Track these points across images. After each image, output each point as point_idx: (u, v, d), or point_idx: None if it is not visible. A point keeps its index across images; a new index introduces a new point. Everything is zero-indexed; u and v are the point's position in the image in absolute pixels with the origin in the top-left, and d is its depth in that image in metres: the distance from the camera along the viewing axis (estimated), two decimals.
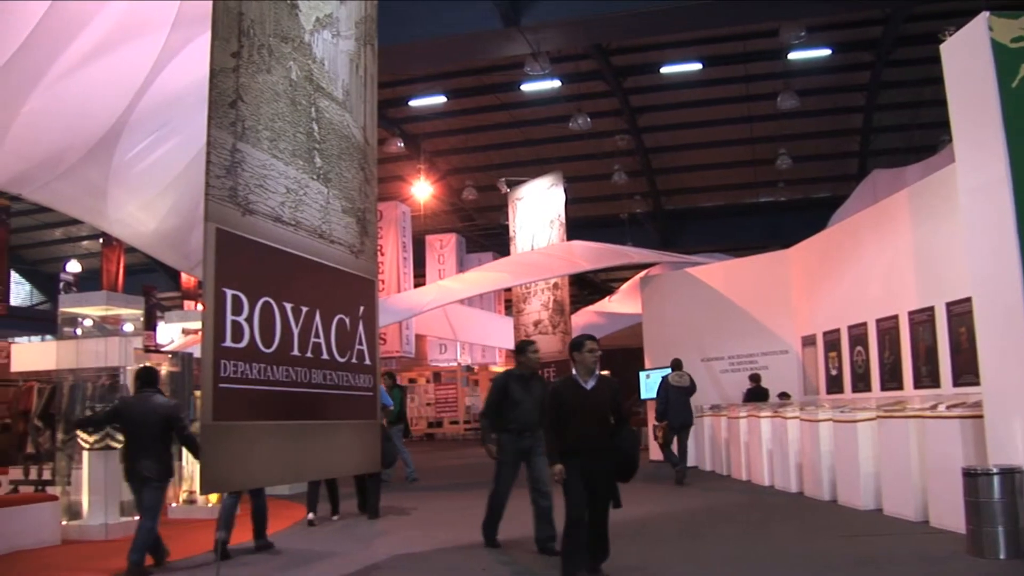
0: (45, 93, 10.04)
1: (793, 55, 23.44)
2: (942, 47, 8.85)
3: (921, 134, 26.26)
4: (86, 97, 10.45)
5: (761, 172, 30.42)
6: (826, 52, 23.77)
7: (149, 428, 8.10)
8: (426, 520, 11.59)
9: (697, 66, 24.86)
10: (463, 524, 10.79)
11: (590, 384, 7.10)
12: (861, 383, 13.46)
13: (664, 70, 25.12)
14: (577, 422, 6.92)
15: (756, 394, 15.76)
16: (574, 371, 7.25)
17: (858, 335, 13.58)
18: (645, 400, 19.66)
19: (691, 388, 15.18)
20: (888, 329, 12.51)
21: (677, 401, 14.95)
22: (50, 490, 11.37)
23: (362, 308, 6.87)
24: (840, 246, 14.71)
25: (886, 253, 12.68)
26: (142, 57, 10.24)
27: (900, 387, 12.05)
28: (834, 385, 14.62)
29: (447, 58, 18.48)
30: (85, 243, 36.09)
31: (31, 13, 8.94)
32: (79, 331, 11.65)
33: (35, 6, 8.91)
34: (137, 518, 8.42)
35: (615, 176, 29.28)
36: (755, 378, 16.19)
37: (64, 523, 10.50)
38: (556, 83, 24.84)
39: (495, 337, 30.32)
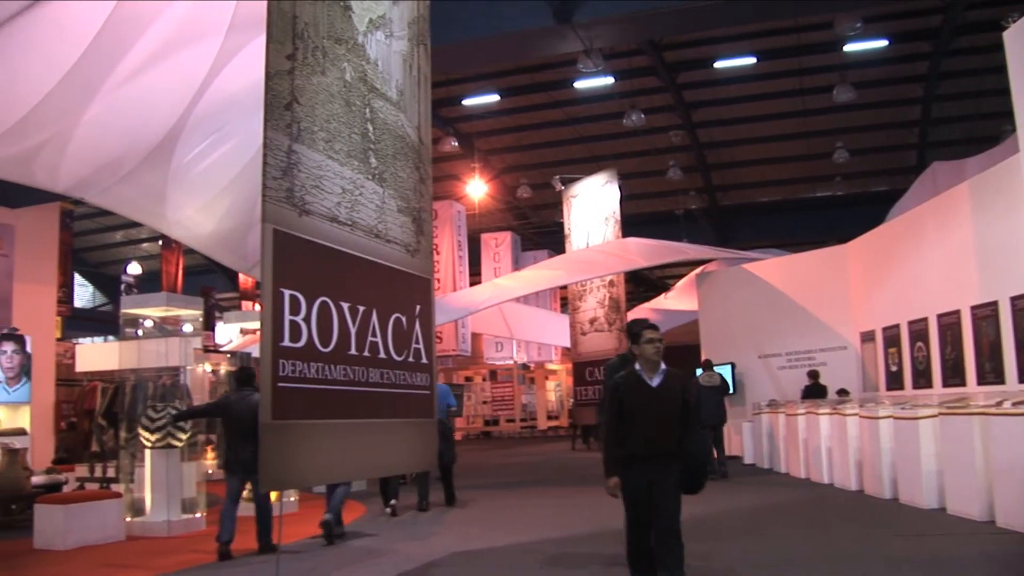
0: (105, 100, 10.21)
1: (849, 47, 23.12)
2: (1005, 34, 8.68)
3: (982, 124, 25.78)
4: (145, 103, 10.61)
5: (817, 166, 30.07)
6: (883, 43, 23.43)
7: (249, 423, 8.38)
8: (484, 518, 11.62)
9: (751, 60, 24.65)
10: (521, 521, 10.83)
11: (656, 380, 6.10)
12: (922, 379, 13.27)
13: (718, 65, 24.94)
14: (641, 424, 6.00)
15: (814, 391, 15.61)
16: (637, 365, 6.22)
17: (919, 330, 13.39)
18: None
19: (723, 387, 15.74)
20: (950, 324, 12.32)
21: (709, 400, 15.18)
22: (114, 487, 11.58)
23: (418, 307, 6.90)
24: (900, 240, 14.51)
25: (947, 247, 12.49)
26: (199, 62, 10.37)
27: (963, 383, 11.86)
28: (894, 381, 14.43)
29: (499, 57, 18.46)
30: (145, 245, 36.64)
31: (91, 23, 9.09)
32: (140, 332, 11.82)
33: (94, 16, 9.06)
34: (197, 515, 8.59)
35: (670, 172, 29.10)
36: (813, 374, 16.04)
37: (128, 519, 10.68)
38: (609, 80, 24.75)
39: (551, 335, 30.33)
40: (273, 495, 11.89)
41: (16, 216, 18.00)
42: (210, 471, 14.98)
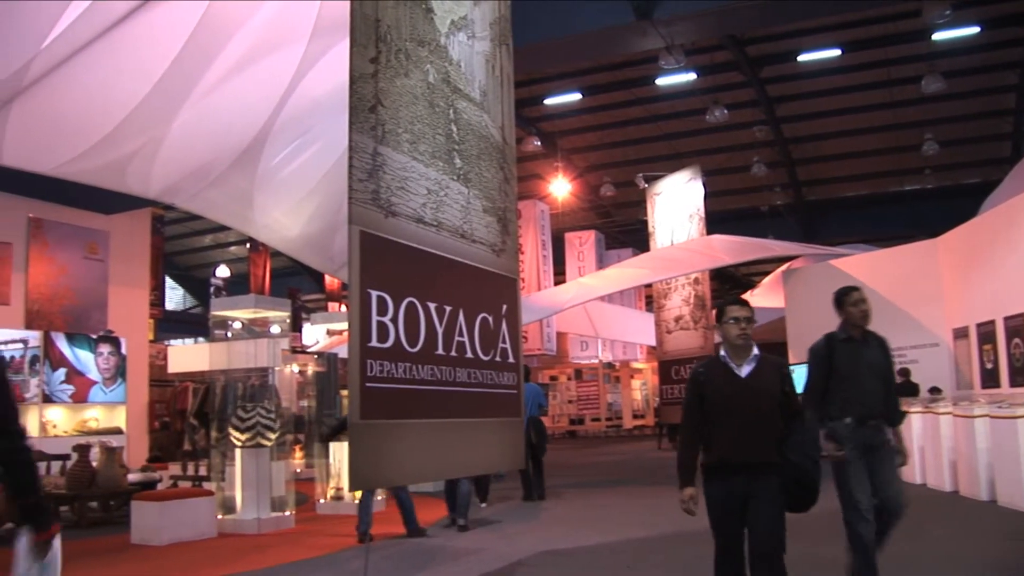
0: (194, 107, 10.42)
1: (938, 35, 22.49)
2: None
3: None
4: (232, 109, 10.81)
5: (906, 159, 29.42)
6: (974, 30, 22.75)
7: None
8: (570, 517, 11.62)
9: (836, 52, 24.19)
10: (607, 521, 10.80)
11: (746, 369, 5.02)
12: (1020, 377, 12.92)
13: (801, 58, 24.53)
14: (727, 424, 4.94)
15: (906, 389, 15.30)
16: (722, 351, 5.18)
17: (1016, 326, 13.03)
18: None
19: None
20: None
21: None
22: (206, 485, 11.83)
23: (505, 306, 6.91)
24: (994, 233, 14.14)
25: None
26: (283, 67, 10.53)
27: None
28: (990, 379, 14.07)
29: (580, 55, 18.40)
30: (233, 248, 37.34)
31: (179, 33, 9.29)
32: (229, 333, 12.04)
33: (183, 26, 9.26)
34: (286, 513, 8.74)
35: (754, 168, 28.73)
36: (904, 372, 15.72)
37: (219, 517, 10.90)
38: (691, 76, 24.51)
39: (636, 333, 30.21)
40: (359, 494, 12.06)
41: (111, 222, 18.49)
42: (298, 470, 15.22)
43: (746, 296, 24.31)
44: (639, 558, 8.39)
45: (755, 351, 5.06)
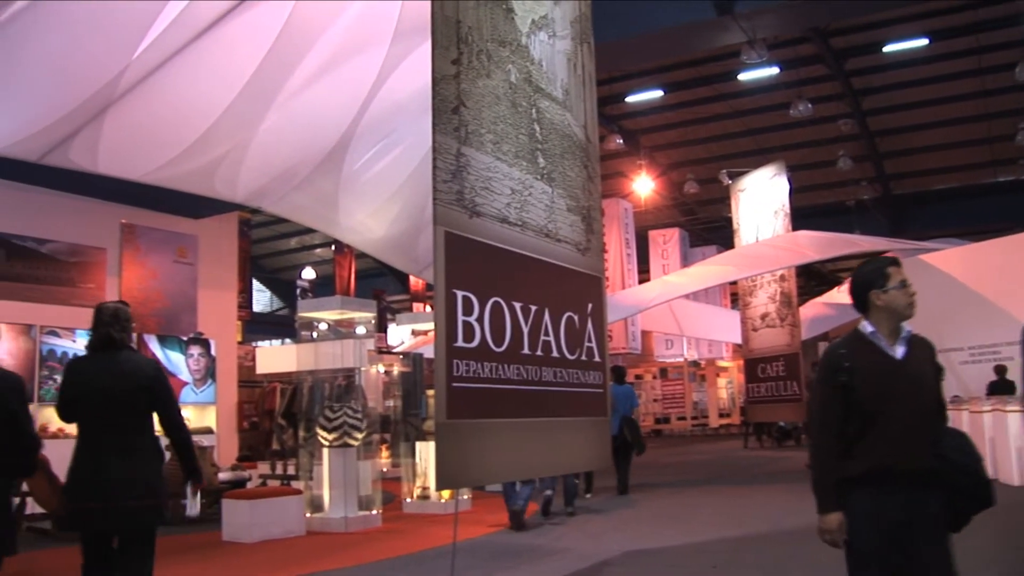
0: (279, 111, 10.58)
1: None
2: None
3: None
4: (316, 113, 10.95)
5: (999, 149, 28.60)
6: None
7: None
8: (656, 516, 11.54)
9: (923, 42, 23.67)
10: (693, 520, 10.71)
11: (900, 350, 3.77)
12: None
13: (887, 49, 24.03)
14: (888, 421, 3.63)
15: (1001, 387, 14.90)
16: (867, 327, 3.82)
17: None
18: None
19: None
20: None
21: None
22: (294, 484, 11.99)
23: (590, 305, 6.89)
24: None
25: None
26: (366, 71, 10.63)
27: None
28: None
29: (662, 52, 18.28)
30: (318, 251, 37.82)
31: (263, 39, 9.44)
32: (315, 334, 12.18)
33: (266, 33, 9.41)
34: (373, 512, 8.88)
35: (840, 162, 28.22)
36: (1000, 370, 15.31)
37: (308, 515, 11.03)
38: (774, 70, 24.16)
39: (721, 331, 29.91)
40: (446, 494, 12.13)
41: (199, 226, 18.86)
42: (384, 469, 15.35)
43: (833, 293, 23.94)
44: (725, 558, 8.29)
45: (906, 328, 3.87)
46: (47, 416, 12.32)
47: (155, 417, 5.12)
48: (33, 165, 10.52)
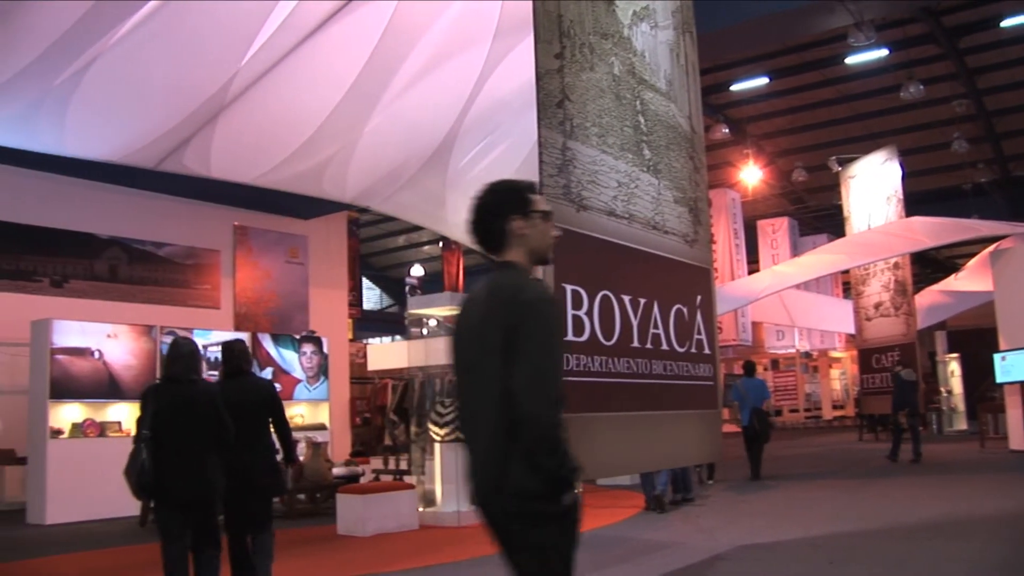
0: (385, 111, 10.72)
1: None
2: None
3: None
4: (420, 111, 11.06)
5: None
6: None
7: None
8: (769, 510, 11.38)
9: None
10: (808, 514, 10.53)
11: None
12: None
13: (1005, 24, 23.16)
14: None
15: None
16: None
17: None
18: (1001, 385, 18.40)
19: (917, 382, 18.22)
20: None
21: (911, 392, 17.44)
22: (406, 479, 12.14)
23: (699, 297, 6.83)
24: None
25: None
26: (469, 69, 10.70)
27: None
28: None
29: (766, 38, 18.00)
30: (426, 248, 38.19)
31: (367, 40, 9.58)
32: (425, 331, 12.28)
33: (370, 33, 9.54)
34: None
35: (954, 145, 27.33)
36: None
37: (420, 509, 11.15)
38: (883, 52, 23.51)
39: (833, 321, 29.31)
40: None
41: (309, 227, 19.25)
42: None
43: (950, 280, 23.31)
44: (842, 554, 8.13)
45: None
46: None
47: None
48: (150, 172, 10.89)
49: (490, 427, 2.99)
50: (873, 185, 21.95)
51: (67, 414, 13.02)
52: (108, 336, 13.47)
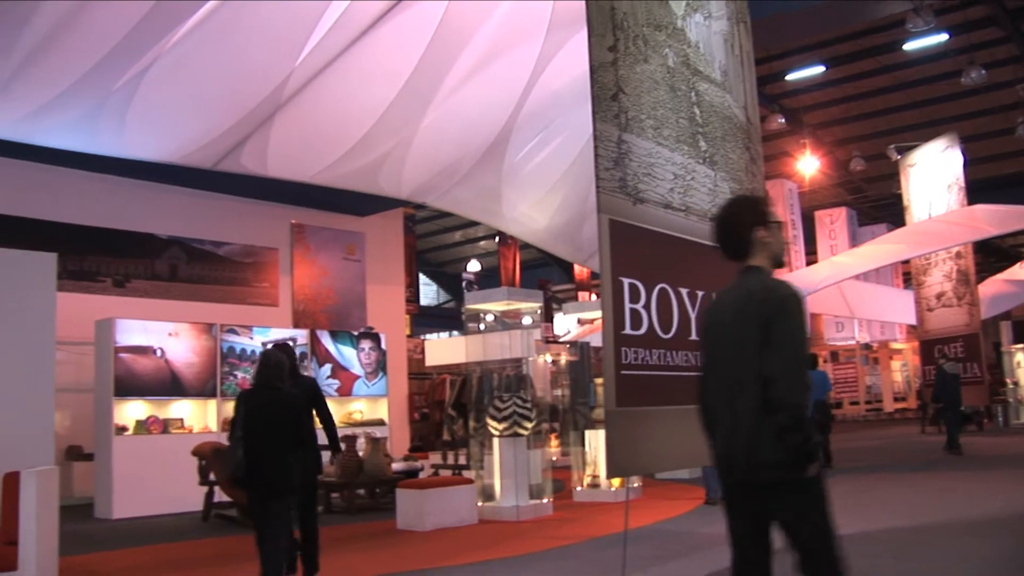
0: (439, 108, 10.76)
1: None
2: None
3: None
4: (475, 107, 11.09)
5: None
6: None
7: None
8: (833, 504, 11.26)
9: None
10: (869, 508, 10.40)
11: None
12: None
13: None
14: None
15: None
16: None
17: None
18: None
19: (959, 376, 18.32)
20: None
21: (954, 386, 17.72)
22: (465, 474, 12.18)
23: None
24: None
25: None
26: (522, 64, 10.71)
27: None
28: None
29: (822, 26, 17.77)
30: (483, 243, 38.29)
31: (420, 38, 9.63)
32: (482, 326, 12.30)
33: (423, 31, 9.59)
34: (544, 501, 9.02)
35: (1019, 130, 26.75)
36: None
37: (479, 504, 11.19)
38: (943, 37, 23.05)
39: (894, 312, 28.90)
40: (616, 482, 12.13)
41: (365, 224, 19.38)
42: (554, 458, 15.43)
43: (1015, 269, 22.90)
44: (906, 549, 8.01)
45: None
46: (229, 410, 12.88)
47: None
48: (208, 172, 11.05)
49: (747, 408, 3.52)
50: (934, 173, 21.62)
51: (131, 411, 13.25)
52: (169, 335, 13.68)
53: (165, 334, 13.63)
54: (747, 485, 3.65)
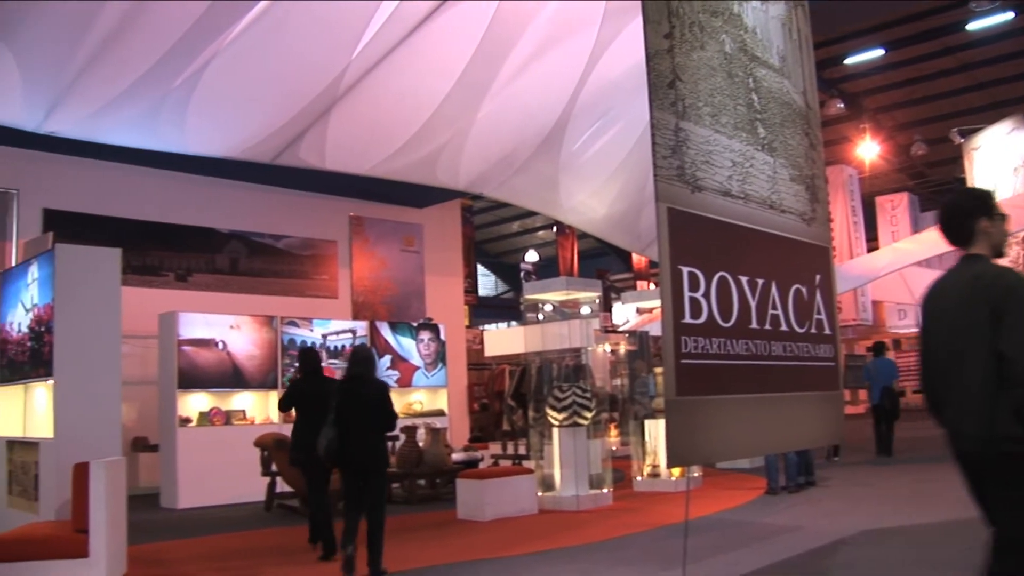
0: (495, 98, 10.77)
1: None
2: None
3: None
4: (531, 97, 11.08)
5: None
6: None
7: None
8: (893, 494, 11.12)
9: None
10: (935, 498, 10.24)
11: None
12: None
13: None
14: None
15: None
16: None
17: None
18: None
19: None
20: None
21: None
22: (525, 464, 12.20)
23: (818, 277, 6.67)
24: None
25: None
26: (577, 54, 10.67)
27: None
28: None
29: (881, 8, 17.52)
30: (540, 233, 38.25)
31: (475, 29, 9.64)
32: (541, 316, 12.29)
33: (478, 23, 9.60)
34: (604, 491, 8.99)
35: None
36: None
37: (539, 494, 11.20)
38: (1008, 15, 22.52)
39: None
40: (677, 471, 12.09)
41: (423, 215, 19.47)
42: (614, 448, 15.41)
43: None
44: (974, 540, 7.87)
45: None
46: None
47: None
48: (267, 166, 11.16)
49: (980, 385, 3.67)
50: (999, 156, 21.19)
51: (195, 403, 13.45)
52: (231, 327, 13.86)
53: (227, 327, 13.81)
54: (972, 459, 3.88)
